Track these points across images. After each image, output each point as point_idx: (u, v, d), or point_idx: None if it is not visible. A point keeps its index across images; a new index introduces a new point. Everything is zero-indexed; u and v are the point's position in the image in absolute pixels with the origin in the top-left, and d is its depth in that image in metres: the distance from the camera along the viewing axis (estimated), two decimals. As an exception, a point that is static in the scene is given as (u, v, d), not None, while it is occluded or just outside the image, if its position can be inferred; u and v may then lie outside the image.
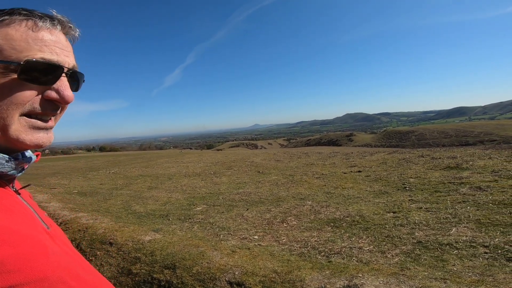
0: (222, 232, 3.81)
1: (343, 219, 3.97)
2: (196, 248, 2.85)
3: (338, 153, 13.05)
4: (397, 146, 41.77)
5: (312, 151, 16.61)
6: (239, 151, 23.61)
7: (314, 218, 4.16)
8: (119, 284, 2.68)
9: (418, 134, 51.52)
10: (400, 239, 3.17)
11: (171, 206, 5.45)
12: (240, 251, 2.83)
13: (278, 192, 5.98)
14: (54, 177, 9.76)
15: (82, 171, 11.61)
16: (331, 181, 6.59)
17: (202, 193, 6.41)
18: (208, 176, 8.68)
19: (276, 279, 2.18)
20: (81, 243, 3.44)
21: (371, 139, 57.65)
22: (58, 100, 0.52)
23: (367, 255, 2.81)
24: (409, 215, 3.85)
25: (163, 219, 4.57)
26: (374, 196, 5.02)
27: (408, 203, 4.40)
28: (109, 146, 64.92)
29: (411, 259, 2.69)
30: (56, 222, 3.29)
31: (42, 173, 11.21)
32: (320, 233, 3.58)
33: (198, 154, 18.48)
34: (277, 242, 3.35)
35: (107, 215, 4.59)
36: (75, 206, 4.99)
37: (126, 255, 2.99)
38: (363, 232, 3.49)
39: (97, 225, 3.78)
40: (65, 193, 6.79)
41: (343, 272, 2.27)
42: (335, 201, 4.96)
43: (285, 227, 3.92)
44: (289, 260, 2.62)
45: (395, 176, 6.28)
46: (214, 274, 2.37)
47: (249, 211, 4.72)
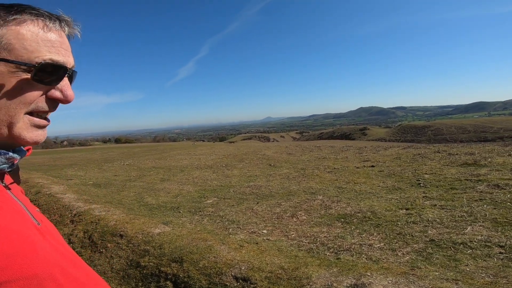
0: (231, 225, 3.83)
1: (354, 215, 3.92)
2: (204, 242, 2.87)
3: (351, 147, 12.87)
4: (412, 141, 40.83)
5: (325, 144, 16.47)
6: (251, 144, 23.65)
7: (324, 213, 4.12)
8: (127, 276, 2.73)
9: (435, 129, 50.18)
10: (412, 237, 3.10)
11: (182, 198, 5.51)
12: (248, 246, 2.84)
13: (289, 186, 5.96)
14: (71, 169, 10.03)
15: (98, 162, 11.88)
16: (343, 176, 6.51)
17: (213, 186, 6.46)
18: (220, 169, 8.73)
19: (283, 275, 2.17)
20: (93, 235, 3.52)
21: (385, 133, 56.57)
22: (61, 100, 0.54)
23: (377, 253, 2.77)
24: (422, 212, 3.76)
25: (174, 212, 4.63)
26: (386, 192, 4.93)
27: (422, 200, 4.30)
28: (124, 138, 66.28)
29: (423, 258, 2.63)
30: (70, 214, 3.38)
31: (60, 164, 11.54)
32: (330, 228, 3.55)
33: (210, 146, 18.61)
34: (286, 237, 3.34)
35: (119, 207, 4.69)
36: (89, 198, 5.12)
37: (135, 248, 3.04)
38: (374, 228, 3.43)
39: (109, 217, 3.86)
40: (81, 184, 6.97)
41: (351, 270, 2.24)
42: (347, 196, 4.90)
43: (295, 221, 3.91)
44: (297, 256, 2.60)
45: (409, 172, 6.14)
46: (220, 269, 2.39)
47: (259, 205, 4.72)
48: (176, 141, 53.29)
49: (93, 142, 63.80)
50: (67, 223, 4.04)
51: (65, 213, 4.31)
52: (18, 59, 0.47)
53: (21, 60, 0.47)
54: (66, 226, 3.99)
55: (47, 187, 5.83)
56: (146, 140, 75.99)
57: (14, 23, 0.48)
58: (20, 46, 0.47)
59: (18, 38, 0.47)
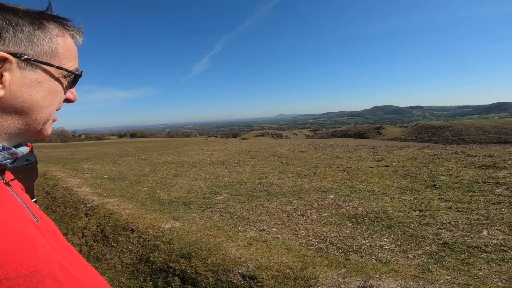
0: (241, 222, 3.85)
1: (366, 215, 3.87)
2: (213, 238, 2.89)
3: (365, 146, 12.68)
4: (429, 141, 39.75)
5: (338, 143, 16.28)
6: (263, 141, 23.62)
7: (335, 213, 4.08)
8: (136, 271, 2.79)
9: (453, 130, 48.68)
10: (424, 239, 3.04)
11: (194, 194, 5.57)
12: (256, 244, 2.84)
13: (300, 184, 5.93)
14: (88, 162, 10.28)
15: (113, 156, 12.14)
16: (355, 175, 6.42)
17: (225, 182, 6.49)
18: (232, 165, 8.77)
19: (290, 275, 2.16)
20: (105, 228, 3.60)
21: (401, 132, 55.28)
22: (71, 100, 0.60)
23: (387, 255, 2.72)
24: (436, 215, 3.67)
25: (185, 207, 4.69)
26: (400, 193, 4.84)
27: (437, 201, 4.19)
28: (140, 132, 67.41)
29: (435, 261, 2.57)
30: (85, 207, 3.47)
31: (77, 158, 11.86)
32: (340, 228, 3.51)
33: (223, 142, 18.71)
34: (295, 236, 3.32)
35: (132, 201, 4.78)
36: (104, 192, 5.24)
37: (146, 243, 3.09)
38: (385, 230, 3.37)
39: (121, 211, 3.93)
40: (96, 178, 7.14)
41: (359, 271, 2.20)
42: (359, 196, 4.84)
43: (305, 220, 3.89)
44: (305, 255, 2.58)
45: (425, 173, 6.00)
46: (228, 266, 2.40)
47: (269, 202, 4.72)
48: (189, 137, 53.83)
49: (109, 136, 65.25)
50: (82, 217, 4.15)
51: (80, 207, 4.43)
52: (64, 67, 0.55)
53: (68, 69, 0.55)
54: (80, 219, 4.11)
55: (64, 180, 6.01)
56: (160, 135, 77.06)
57: (61, 34, 0.55)
58: (66, 56, 0.55)
59: (64, 48, 0.54)
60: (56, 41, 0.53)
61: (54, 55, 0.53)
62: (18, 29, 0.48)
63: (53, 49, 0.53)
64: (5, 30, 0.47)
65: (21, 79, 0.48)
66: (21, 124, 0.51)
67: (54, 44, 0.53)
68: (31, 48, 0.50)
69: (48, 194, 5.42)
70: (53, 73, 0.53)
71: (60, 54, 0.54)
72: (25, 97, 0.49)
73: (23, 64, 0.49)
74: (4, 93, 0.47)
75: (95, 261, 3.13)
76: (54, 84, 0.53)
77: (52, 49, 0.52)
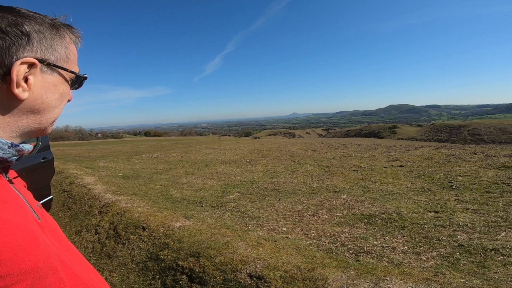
0: (252, 222, 3.84)
1: (379, 216, 3.79)
2: (222, 237, 2.89)
3: (379, 145, 12.46)
4: (446, 141, 38.62)
5: (351, 142, 16.05)
6: (276, 140, 23.57)
7: (347, 213, 4.03)
8: (146, 268, 2.82)
9: (472, 129, 47.16)
10: (439, 241, 2.95)
11: (205, 192, 5.61)
12: (265, 243, 2.82)
13: (312, 184, 5.88)
14: (103, 160, 10.52)
15: (128, 154, 12.38)
16: (369, 175, 6.32)
17: (236, 181, 6.51)
18: (244, 164, 8.79)
19: (298, 275, 2.13)
20: (118, 226, 3.66)
21: (417, 132, 53.96)
22: (70, 100, 0.63)
23: (399, 256, 2.66)
24: (453, 216, 3.57)
25: (196, 205, 4.73)
26: (415, 193, 4.73)
27: (454, 203, 4.08)
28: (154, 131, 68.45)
29: (449, 263, 2.49)
30: (99, 205, 3.55)
31: (93, 156, 12.15)
32: (351, 229, 3.46)
33: (235, 141, 18.77)
34: (305, 236, 3.29)
35: (145, 199, 4.85)
36: (117, 189, 5.34)
37: (156, 241, 3.12)
38: (398, 231, 3.30)
39: (133, 209, 3.99)
40: (111, 176, 7.30)
41: (369, 273, 2.15)
42: (372, 196, 4.75)
43: (316, 220, 3.85)
44: (315, 256, 2.55)
45: (441, 173, 5.84)
46: (236, 266, 2.39)
47: (280, 202, 4.70)
48: (202, 135, 54.27)
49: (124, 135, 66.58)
50: (95, 214, 4.24)
51: (94, 204, 4.53)
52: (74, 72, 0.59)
53: (76, 73, 0.59)
54: (94, 216, 4.20)
55: (80, 178, 6.16)
56: (174, 133, 77.99)
57: (71, 40, 0.59)
58: (73, 60, 0.58)
59: (73, 54, 0.58)
60: (69, 47, 0.57)
61: (68, 60, 0.57)
62: (42, 36, 0.52)
63: (67, 55, 0.57)
64: (33, 37, 0.50)
65: (42, 83, 0.52)
66: (34, 123, 0.54)
67: (68, 50, 0.57)
68: (52, 53, 0.53)
69: (64, 191, 5.57)
70: (66, 77, 0.57)
71: (70, 60, 0.58)
72: (43, 99, 0.53)
73: (45, 69, 0.52)
74: (28, 95, 0.50)
75: (107, 258, 3.18)
76: (65, 87, 0.58)
77: (67, 55, 0.56)
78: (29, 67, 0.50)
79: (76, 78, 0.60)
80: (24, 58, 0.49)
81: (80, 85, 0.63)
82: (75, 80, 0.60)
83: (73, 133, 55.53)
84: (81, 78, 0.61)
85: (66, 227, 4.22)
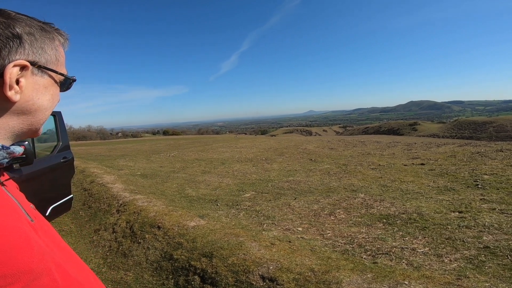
0: (266, 221, 3.81)
1: (398, 216, 3.67)
2: (236, 237, 2.86)
3: (399, 143, 12.10)
4: (471, 138, 37.02)
5: (370, 139, 15.69)
6: (292, 138, 23.39)
7: (365, 213, 3.92)
8: (160, 268, 2.84)
9: (497, 126, 45.02)
10: (463, 242, 2.82)
11: (221, 191, 5.63)
12: (279, 244, 2.77)
13: (329, 182, 5.78)
14: (123, 159, 10.78)
15: (146, 153, 12.63)
16: (388, 173, 6.14)
17: (252, 179, 6.50)
18: (260, 162, 8.76)
19: (311, 278, 2.07)
20: (134, 225, 3.71)
21: (439, 129, 52.08)
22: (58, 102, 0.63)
23: (419, 258, 2.55)
24: (478, 216, 3.40)
25: (212, 204, 4.74)
26: (437, 193, 4.55)
27: (479, 202, 3.89)
28: (172, 130, 69.66)
29: (473, 266, 2.37)
30: (117, 203, 3.62)
31: (114, 155, 12.47)
32: (369, 229, 3.36)
33: (251, 139, 18.78)
34: (321, 236, 3.22)
35: (161, 198, 4.91)
36: (135, 188, 5.44)
37: (170, 240, 3.13)
38: (419, 231, 3.18)
39: (150, 208, 4.04)
40: (130, 174, 7.45)
41: (387, 277, 2.07)
42: (391, 195, 4.61)
43: (332, 220, 3.77)
44: (330, 257, 2.48)
45: (466, 172, 5.59)
46: (248, 267, 2.36)
47: (296, 201, 4.64)
48: (219, 134, 54.71)
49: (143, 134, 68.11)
50: (113, 213, 4.34)
51: (112, 203, 4.63)
52: (63, 73, 0.60)
53: (65, 75, 0.60)
54: (112, 215, 4.29)
55: (100, 177, 6.33)
56: (191, 132, 79.03)
57: (60, 43, 0.59)
58: (62, 63, 0.60)
59: (61, 55, 0.59)
60: (58, 50, 0.58)
61: (58, 63, 0.58)
62: (33, 38, 0.53)
63: (57, 57, 0.58)
64: (24, 40, 0.51)
65: (33, 85, 0.53)
66: (25, 124, 0.54)
67: (58, 52, 0.58)
68: (43, 56, 0.54)
69: (85, 190, 5.73)
70: (56, 79, 0.58)
71: (60, 62, 0.59)
72: (34, 100, 0.54)
73: (36, 71, 0.53)
74: (20, 97, 0.51)
75: (123, 257, 3.24)
76: (56, 89, 0.59)
77: (56, 57, 0.58)
78: (21, 69, 0.50)
79: (65, 80, 0.61)
80: (17, 61, 0.49)
81: (68, 87, 0.64)
82: (64, 82, 0.61)
83: (95, 133, 57.34)
84: (69, 80, 0.62)
85: (86, 226, 4.34)
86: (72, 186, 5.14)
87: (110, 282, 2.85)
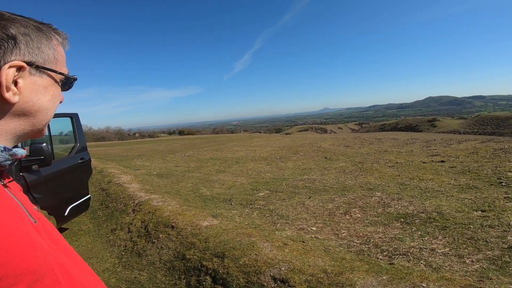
0: (280, 220, 3.77)
1: (417, 215, 3.56)
2: (248, 237, 2.84)
3: (417, 139, 11.78)
4: (493, 134, 35.49)
5: (387, 136, 15.33)
6: (307, 136, 23.21)
7: (382, 212, 3.82)
8: (172, 268, 2.85)
9: (522, 121, 43.05)
10: (486, 242, 2.70)
11: (235, 190, 5.63)
12: (292, 244, 2.72)
13: (344, 181, 5.68)
14: (140, 159, 10.98)
15: (162, 153, 12.82)
16: (406, 171, 5.98)
17: (266, 178, 6.47)
18: (274, 161, 8.72)
19: (324, 280, 2.02)
20: (149, 225, 3.76)
21: (459, 125, 50.22)
22: (62, 101, 0.63)
23: (439, 259, 2.45)
24: (502, 216, 3.26)
25: (226, 204, 4.75)
26: (459, 191, 4.39)
27: (503, 201, 3.72)
28: (187, 130, 70.55)
29: (496, 267, 2.25)
30: (133, 203, 3.68)
31: (131, 155, 12.74)
32: (386, 229, 3.27)
33: (266, 138, 18.74)
34: (335, 236, 3.16)
35: (176, 197, 4.96)
36: (151, 188, 5.52)
37: (183, 240, 3.14)
38: (439, 231, 3.07)
39: (164, 208, 4.08)
40: (146, 174, 7.58)
41: (403, 279, 1.99)
42: (409, 194, 4.48)
43: (348, 219, 3.69)
44: (344, 258, 2.41)
45: (489, 169, 5.37)
46: (260, 268, 2.33)
47: (311, 200, 4.58)
48: (233, 133, 54.91)
49: (160, 134, 69.30)
50: (129, 212, 4.41)
51: (129, 203, 4.72)
52: (63, 73, 0.59)
53: (65, 74, 0.59)
54: (128, 215, 4.37)
55: (117, 177, 6.47)
56: (206, 131, 79.72)
57: (58, 42, 0.59)
58: (62, 62, 0.59)
59: (61, 55, 0.59)
60: (57, 49, 0.58)
61: (57, 62, 0.58)
62: (29, 38, 0.52)
63: (55, 57, 0.57)
64: (19, 40, 0.51)
65: (32, 85, 0.53)
66: (26, 125, 0.54)
67: (56, 52, 0.57)
68: (40, 56, 0.54)
69: (103, 190, 5.87)
70: (56, 78, 0.58)
71: (59, 61, 0.58)
72: (34, 101, 0.53)
73: (33, 71, 0.53)
74: (19, 99, 0.51)
75: (137, 257, 3.28)
76: (56, 88, 0.58)
77: (55, 57, 0.57)
78: (18, 70, 0.50)
79: (66, 79, 0.61)
80: (12, 62, 0.49)
81: (70, 86, 0.64)
82: (65, 82, 0.61)
83: (113, 134, 58.75)
84: (71, 80, 0.62)
85: (103, 225, 4.44)
86: (91, 186, 5.27)
87: (124, 281, 2.89)
